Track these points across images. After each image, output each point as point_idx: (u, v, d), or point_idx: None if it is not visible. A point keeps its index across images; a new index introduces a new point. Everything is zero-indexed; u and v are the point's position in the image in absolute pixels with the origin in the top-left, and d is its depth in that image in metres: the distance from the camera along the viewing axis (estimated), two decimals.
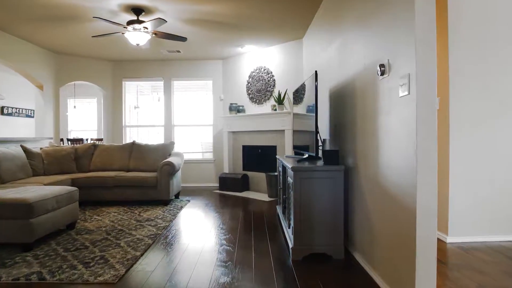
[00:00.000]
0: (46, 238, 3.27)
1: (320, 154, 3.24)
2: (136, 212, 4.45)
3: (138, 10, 4.09)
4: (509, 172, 3.11)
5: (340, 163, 3.11)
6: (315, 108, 3.00)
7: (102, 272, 2.44)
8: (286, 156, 4.20)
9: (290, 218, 2.99)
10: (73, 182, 4.75)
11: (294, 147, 4.34)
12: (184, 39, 4.57)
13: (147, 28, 4.10)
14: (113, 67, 7.06)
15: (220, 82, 7.00)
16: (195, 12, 4.29)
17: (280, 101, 5.52)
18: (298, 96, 4.09)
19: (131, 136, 7.31)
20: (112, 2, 3.90)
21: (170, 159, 5.12)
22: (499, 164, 3.11)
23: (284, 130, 5.45)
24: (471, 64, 3.06)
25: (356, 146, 2.77)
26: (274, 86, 5.92)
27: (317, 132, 3.01)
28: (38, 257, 2.76)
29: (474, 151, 3.09)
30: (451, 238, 3.08)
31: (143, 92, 7.38)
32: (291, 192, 2.90)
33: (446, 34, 3.05)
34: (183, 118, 7.17)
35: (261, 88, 6.13)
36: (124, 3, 3.93)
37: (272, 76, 5.94)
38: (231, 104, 6.43)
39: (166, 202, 4.95)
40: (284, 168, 3.61)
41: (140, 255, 2.82)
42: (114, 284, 2.28)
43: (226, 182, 6.19)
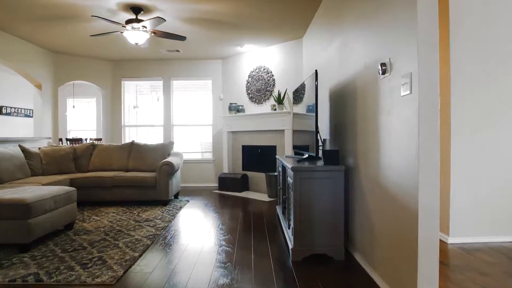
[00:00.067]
0: (44, 238, 3.24)
1: (320, 154, 3.22)
2: (135, 212, 4.42)
3: (137, 9, 4.07)
4: (510, 172, 3.09)
5: (340, 163, 3.08)
6: (315, 107, 2.97)
7: (100, 274, 2.41)
8: (286, 156, 4.17)
9: (290, 219, 2.96)
10: (71, 182, 4.72)
11: (294, 147, 4.32)
12: (183, 38, 4.54)
13: (146, 27, 4.07)
14: (112, 67, 7.03)
15: (219, 82, 6.97)
16: (194, 11, 4.27)
17: (280, 100, 5.49)
18: (298, 95, 4.06)
19: (130, 136, 7.28)
20: (111, 1, 3.88)
21: (169, 159, 5.09)
22: (501, 164, 3.08)
23: (284, 130, 5.43)
24: (473, 64, 3.04)
25: (357, 146, 2.74)
26: (273, 85, 5.89)
27: (317, 132, 2.98)
28: (35, 258, 2.73)
29: (475, 151, 3.07)
30: (452, 239, 3.06)
31: (142, 91, 7.35)
32: (291, 192, 2.87)
33: (448, 34, 3.03)
34: (183, 118, 7.14)
35: (260, 88, 6.10)
36: (122, 2, 3.91)
37: (272, 75, 5.91)
38: (231, 104, 6.40)
39: (165, 202, 4.92)
40: (284, 168, 3.59)
41: (139, 256, 2.80)
42: (112, 285, 2.25)
43: (225, 182, 6.16)
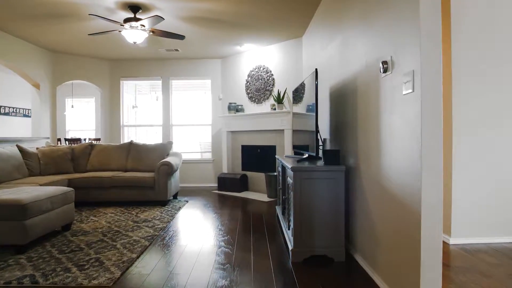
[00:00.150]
0: (41, 239, 3.20)
1: (320, 154, 3.18)
2: (133, 213, 4.38)
3: (135, 8, 4.03)
4: None
5: (341, 163, 3.04)
6: (315, 106, 2.93)
7: (97, 275, 2.37)
8: (286, 156, 4.14)
9: (290, 219, 2.92)
10: (69, 182, 4.68)
11: (294, 146, 4.28)
12: (182, 37, 4.50)
13: (144, 26, 4.03)
14: (110, 66, 6.99)
15: (219, 81, 6.93)
16: (193, 10, 4.23)
17: (279, 100, 5.46)
18: (297, 95, 4.02)
19: (129, 136, 7.24)
20: (109, 0, 3.84)
21: (168, 159, 5.05)
22: (503, 164, 3.05)
23: (283, 130, 5.39)
24: (474, 63, 3.00)
25: (358, 145, 2.70)
26: (273, 85, 5.85)
27: (317, 131, 2.95)
28: (31, 259, 2.69)
29: (477, 151, 3.03)
30: (454, 240, 3.02)
31: (141, 91, 7.31)
32: (291, 192, 2.83)
33: (449, 33, 2.99)
34: (182, 118, 7.10)
35: (260, 87, 6.06)
36: (121, 1, 3.87)
37: (272, 75, 5.88)
38: (230, 103, 6.36)
39: (164, 203, 4.88)
40: (283, 168, 3.55)
41: (136, 258, 2.76)
42: (109, 287, 2.21)
43: (225, 182, 6.13)
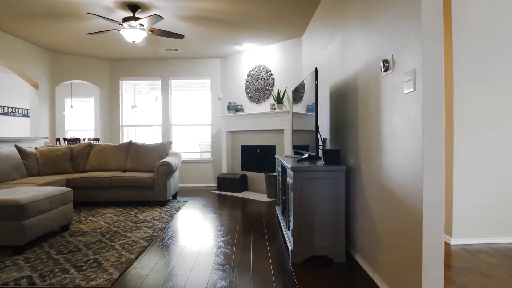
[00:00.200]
0: (39, 240, 3.18)
1: (320, 154, 3.16)
2: (132, 213, 4.36)
3: (134, 7, 4.00)
4: None
5: (341, 163, 3.02)
6: (316, 106, 2.91)
7: (95, 276, 2.35)
8: (286, 156, 4.12)
9: (290, 220, 2.90)
10: (68, 182, 4.66)
11: (294, 146, 4.26)
12: (181, 36, 4.48)
13: (143, 25, 4.01)
14: (110, 66, 6.96)
15: (218, 81, 6.91)
16: (192, 9, 4.21)
17: (279, 100, 5.43)
18: (297, 94, 4.00)
19: (129, 136, 7.21)
20: None
21: (167, 159, 5.03)
22: (504, 164, 3.02)
23: (283, 130, 5.36)
24: (475, 63, 2.98)
25: (358, 145, 2.68)
26: (273, 84, 5.83)
27: (317, 131, 2.92)
28: (29, 260, 2.67)
29: (478, 151, 3.01)
30: (455, 240, 3.00)
31: (140, 91, 7.29)
32: (291, 193, 2.81)
33: (450, 33, 2.97)
34: (181, 118, 7.08)
35: (260, 87, 6.04)
36: (119, 0, 3.84)
37: (271, 74, 5.85)
38: (230, 103, 6.34)
39: (163, 203, 4.86)
40: (283, 168, 3.53)
41: (135, 258, 2.73)
42: None
43: (224, 182, 6.10)
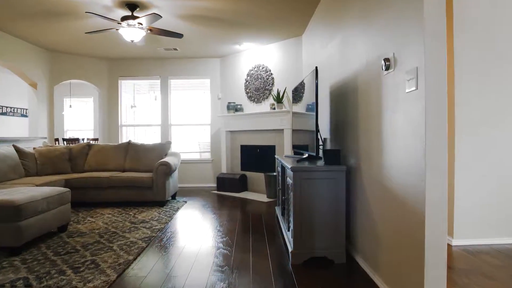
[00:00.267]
0: (36, 241, 3.15)
1: (320, 154, 3.13)
2: (131, 213, 4.33)
3: (132, 6, 3.97)
4: None
5: (341, 163, 2.99)
6: (316, 105, 2.88)
7: (92, 278, 2.32)
8: (285, 156, 4.09)
9: (290, 221, 2.87)
10: (66, 182, 4.63)
11: (294, 146, 4.23)
12: (180, 35, 4.45)
13: (141, 24, 3.98)
14: (109, 66, 6.93)
15: (218, 81, 6.88)
16: (191, 8, 4.17)
17: (279, 99, 5.40)
18: (297, 94, 3.97)
19: (128, 136, 7.18)
20: None
21: (167, 159, 5.00)
22: (506, 164, 3.00)
23: (283, 130, 5.33)
24: (477, 63, 2.95)
25: (359, 145, 2.65)
26: (273, 84, 5.80)
27: (317, 131, 2.89)
28: (26, 261, 2.63)
29: (480, 151, 2.98)
30: (457, 241, 2.97)
31: (139, 90, 7.25)
32: (291, 193, 2.78)
33: (452, 33, 2.94)
34: (181, 117, 7.04)
35: (259, 87, 6.01)
36: None
37: (271, 74, 5.82)
38: (229, 103, 6.31)
39: (162, 203, 4.82)
40: (283, 168, 3.50)
41: (133, 259, 2.70)
42: None
43: (224, 182, 6.07)
